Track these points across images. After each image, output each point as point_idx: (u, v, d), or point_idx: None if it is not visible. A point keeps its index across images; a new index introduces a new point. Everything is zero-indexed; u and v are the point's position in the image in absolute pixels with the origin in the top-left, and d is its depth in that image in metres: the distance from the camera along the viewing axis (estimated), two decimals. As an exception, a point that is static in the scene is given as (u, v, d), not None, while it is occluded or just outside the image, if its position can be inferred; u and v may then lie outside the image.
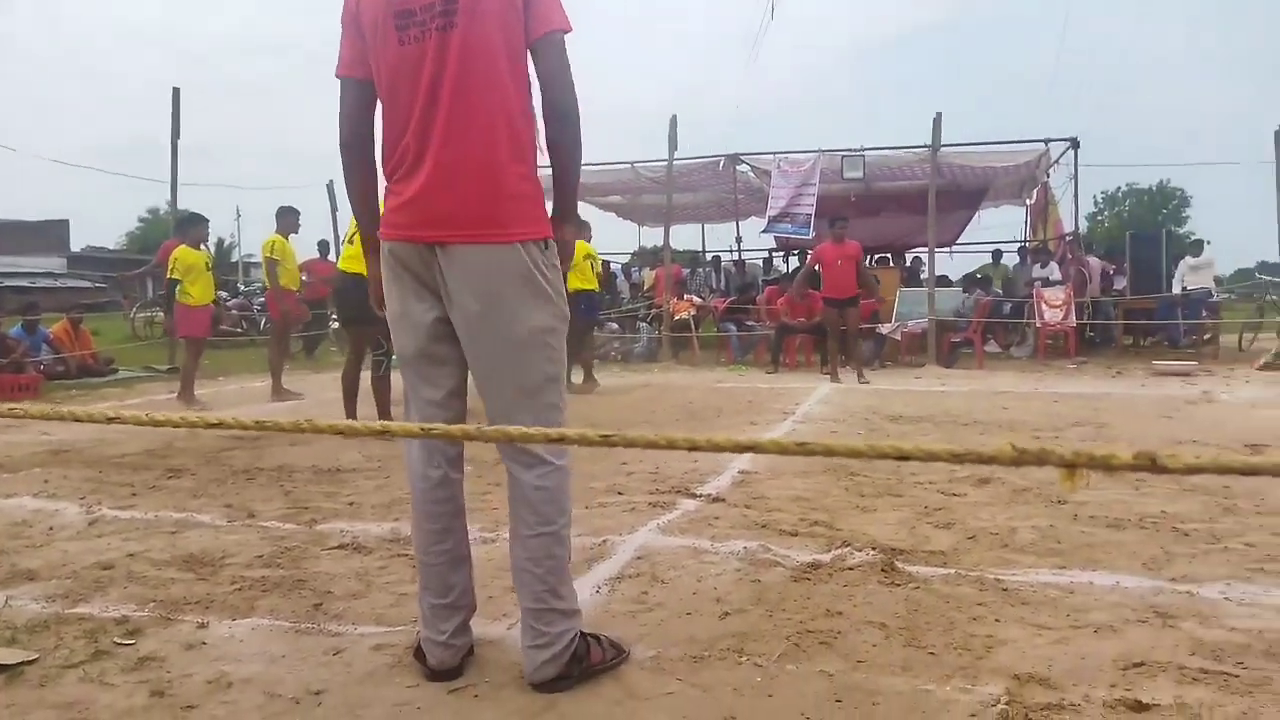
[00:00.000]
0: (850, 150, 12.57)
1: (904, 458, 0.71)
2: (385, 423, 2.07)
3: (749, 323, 12.76)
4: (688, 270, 15.88)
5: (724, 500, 3.81)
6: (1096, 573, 2.75)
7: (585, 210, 16.71)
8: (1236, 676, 1.99)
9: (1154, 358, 11.20)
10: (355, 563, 2.98)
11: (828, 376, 9.72)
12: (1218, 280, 13.88)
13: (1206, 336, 12.07)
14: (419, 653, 2.10)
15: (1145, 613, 2.40)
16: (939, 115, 11.43)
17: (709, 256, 17.63)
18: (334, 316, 11.15)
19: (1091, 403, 7.32)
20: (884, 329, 11.68)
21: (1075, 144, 12.19)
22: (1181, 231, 36.03)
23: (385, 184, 2.08)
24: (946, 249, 15.73)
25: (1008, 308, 12.46)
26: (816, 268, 9.94)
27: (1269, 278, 13.16)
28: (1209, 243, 12.77)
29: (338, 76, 2.07)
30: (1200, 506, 3.57)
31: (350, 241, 5.69)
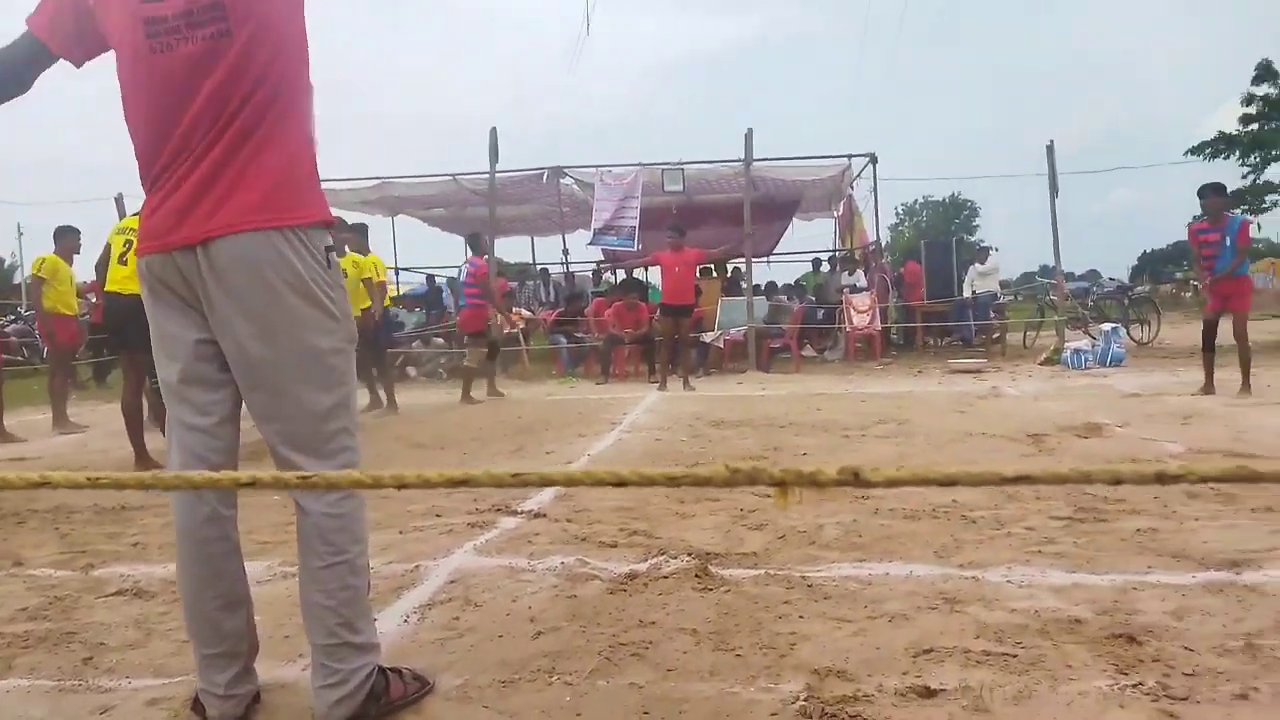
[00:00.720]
0: (670, 164, 12.87)
1: (621, 484, 0.69)
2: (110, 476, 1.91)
3: (578, 334, 12.78)
4: (515, 283, 15.74)
5: (545, 515, 3.76)
6: (893, 564, 2.89)
7: (409, 223, 16.29)
8: (1015, 656, 2.13)
9: (950, 357, 12.09)
10: (134, 609, 2.72)
11: (655, 385, 9.87)
12: (1005, 284, 15.17)
13: (995, 336, 13.18)
14: (197, 705, 1.92)
15: (936, 599, 2.54)
16: (749, 131, 11.91)
17: (538, 269, 17.57)
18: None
19: (895, 401, 7.79)
20: (707, 337, 12.01)
21: (874, 159, 13.01)
22: (972, 239, 39.36)
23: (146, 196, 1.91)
24: (765, 259, 16.38)
25: (821, 314, 13.10)
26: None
27: (1047, 280, 14.51)
28: (996, 249, 13.95)
29: (28, 25, 1.88)
30: (986, 495, 3.84)
31: (122, 261, 5.25)
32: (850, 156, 13.15)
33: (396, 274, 16.88)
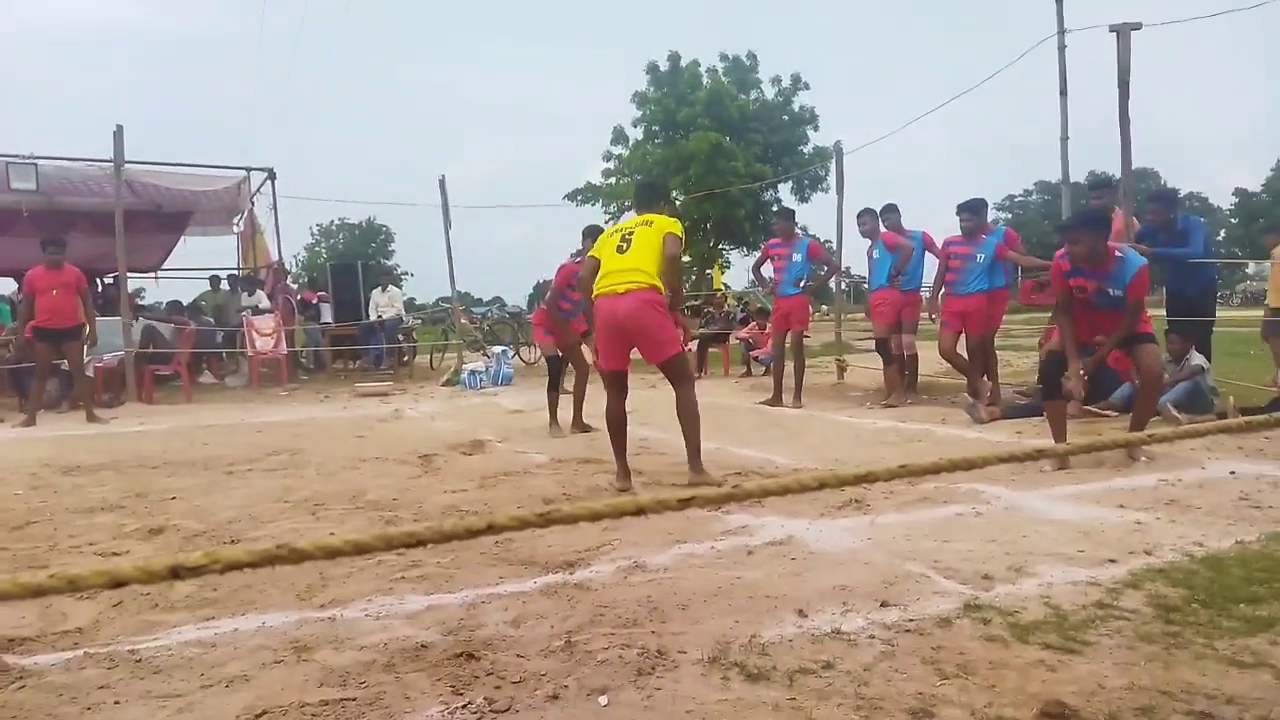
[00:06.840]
0: (19, 157, 10.68)
1: None
2: None
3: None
4: None
5: None
6: (245, 617, 2.64)
7: None
8: (354, 700, 2.04)
9: (359, 380, 12.06)
10: None
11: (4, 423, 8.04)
12: (419, 307, 15.69)
13: (404, 359, 13.53)
14: None
15: (285, 651, 2.35)
16: (120, 128, 10.35)
17: None
18: None
19: (294, 429, 7.45)
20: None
21: (272, 175, 12.44)
22: (390, 263, 40.45)
23: None
24: (152, 274, 14.58)
25: (219, 337, 12.06)
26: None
27: (447, 304, 15.39)
28: (410, 274, 14.37)
29: None
30: (365, 522, 3.79)
31: None
32: (249, 170, 12.38)
33: None
